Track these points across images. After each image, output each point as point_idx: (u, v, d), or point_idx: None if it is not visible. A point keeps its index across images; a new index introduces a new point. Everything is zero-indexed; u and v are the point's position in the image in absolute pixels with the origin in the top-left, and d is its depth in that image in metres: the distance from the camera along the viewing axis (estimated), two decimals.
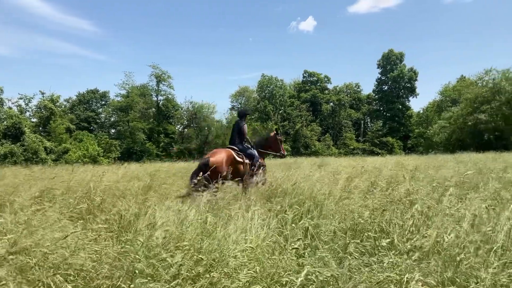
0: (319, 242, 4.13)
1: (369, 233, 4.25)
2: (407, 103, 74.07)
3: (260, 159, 9.17)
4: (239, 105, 77.54)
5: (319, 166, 17.22)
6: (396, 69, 72.62)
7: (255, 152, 9.05)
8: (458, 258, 3.09)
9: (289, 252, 3.32)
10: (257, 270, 3.18)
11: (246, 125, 9.24)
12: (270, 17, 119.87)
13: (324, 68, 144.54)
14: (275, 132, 9.80)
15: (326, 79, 77.12)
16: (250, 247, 3.64)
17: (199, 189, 6.84)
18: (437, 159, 19.76)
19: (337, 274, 3.04)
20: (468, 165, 13.87)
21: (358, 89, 79.38)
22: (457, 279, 2.84)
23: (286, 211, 5.23)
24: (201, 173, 7.42)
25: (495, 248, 2.98)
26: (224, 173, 7.79)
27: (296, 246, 3.14)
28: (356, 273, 3.18)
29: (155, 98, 63.07)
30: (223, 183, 7.06)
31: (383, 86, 74.66)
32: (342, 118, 73.24)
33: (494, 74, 51.32)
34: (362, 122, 76.98)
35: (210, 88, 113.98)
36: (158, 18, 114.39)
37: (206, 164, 7.79)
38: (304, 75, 77.34)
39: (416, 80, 73.26)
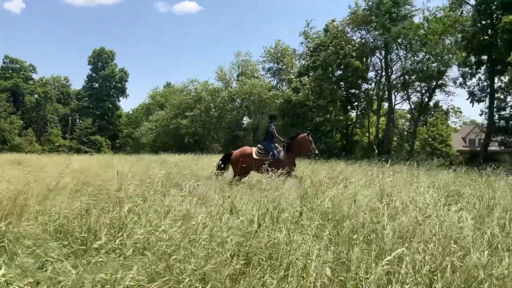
0: (18, 247, 3.72)
1: (77, 234, 4.10)
2: (117, 103, 74.85)
3: (287, 156, 10.34)
4: None
5: (19, 163, 15.80)
6: (108, 67, 72.34)
7: (274, 149, 10.34)
8: (163, 252, 3.32)
9: None
10: None
11: (273, 126, 10.70)
12: None
13: (30, 56, 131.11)
14: (306, 134, 10.76)
15: (31, 68, 70.04)
16: None
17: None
18: (145, 159, 20.61)
19: (38, 280, 2.83)
20: (171, 165, 15.01)
21: (67, 83, 75.35)
22: (164, 273, 3.04)
23: None
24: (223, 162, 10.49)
25: (200, 240, 3.33)
26: (239, 165, 9.65)
27: None
28: (62, 276, 3.00)
29: None
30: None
31: (94, 83, 73.11)
32: (48, 113, 67.86)
33: (196, 84, 57.48)
34: (70, 118, 73.24)
35: None
36: None
37: (229, 156, 10.66)
38: (5, 60, 68.04)
39: (126, 81, 74.84)
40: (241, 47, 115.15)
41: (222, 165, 10.34)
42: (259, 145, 10.66)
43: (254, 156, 10.20)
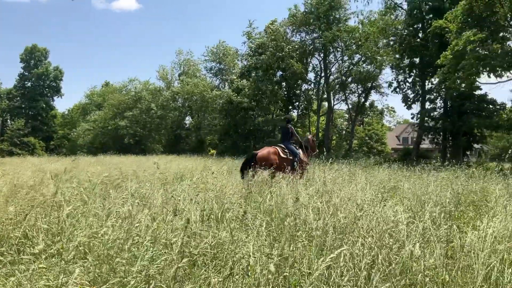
0: None
1: (13, 241, 3.92)
2: (52, 103, 71.38)
3: (305, 157, 10.82)
4: None
5: None
6: (41, 66, 68.87)
7: (296, 150, 10.71)
8: (105, 255, 3.26)
9: None
10: None
11: (292, 127, 11.24)
12: None
13: None
14: (312, 136, 12.08)
15: None
16: None
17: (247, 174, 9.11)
18: (84, 161, 19.91)
19: None
20: (110, 166, 14.62)
21: None
22: (108, 276, 2.98)
23: None
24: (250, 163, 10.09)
25: (145, 242, 3.29)
26: (269, 164, 9.84)
27: None
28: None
29: None
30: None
31: (26, 82, 69.18)
32: None
33: (136, 84, 56.19)
34: (1, 119, 68.97)
35: None
36: None
37: (253, 157, 10.19)
38: None
39: (61, 79, 71.56)
40: (182, 45, 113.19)
41: (248, 165, 10.33)
42: (281, 145, 10.78)
43: (282, 155, 10.40)
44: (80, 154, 40.29)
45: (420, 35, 31.18)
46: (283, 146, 10.73)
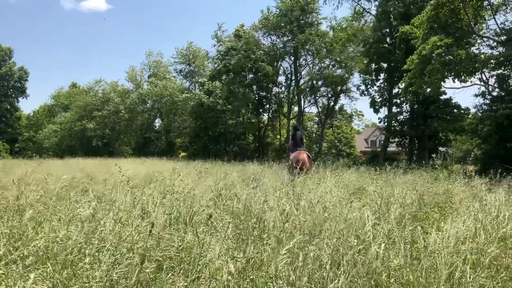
0: None
1: None
2: (16, 104, 69.25)
3: None
4: None
5: None
6: (5, 65, 66.74)
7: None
8: (66, 260, 3.16)
9: None
10: None
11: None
12: None
13: None
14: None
15: None
16: None
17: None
18: (50, 163, 19.38)
19: None
20: (77, 169, 14.30)
21: None
22: (69, 282, 2.89)
23: None
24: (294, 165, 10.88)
25: (107, 246, 3.21)
26: (308, 165, 11.25)
27: None
28: None
29: None
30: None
31: None
32: None
33: (104, 85, 55.19)
34: None
35: None
36: None
37: (298, 160, 11.10)
38: None
39: (26, 80, 69.53)
40: (152, 47, 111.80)
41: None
42: (303, 149, 12.16)
43: (310, 156, 12.00)
44: (46, 156, 39.24)
45: (388, 40, 31.80)
46: (303, 149, 12.16)
